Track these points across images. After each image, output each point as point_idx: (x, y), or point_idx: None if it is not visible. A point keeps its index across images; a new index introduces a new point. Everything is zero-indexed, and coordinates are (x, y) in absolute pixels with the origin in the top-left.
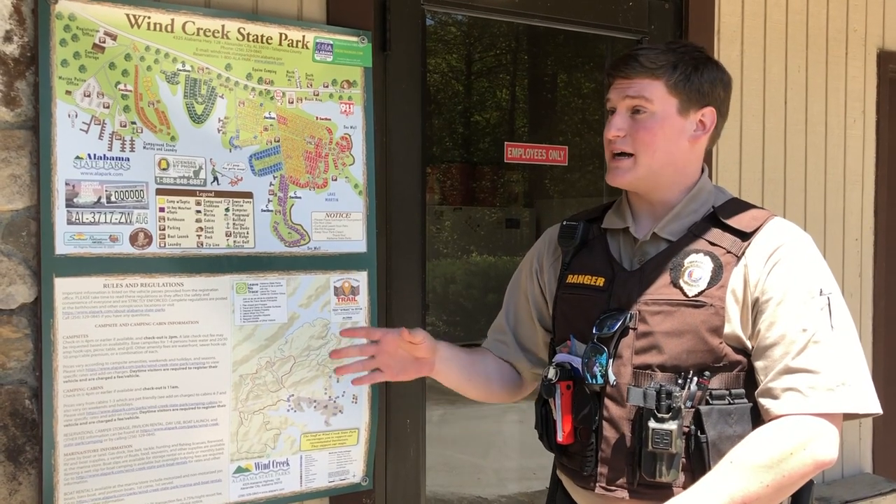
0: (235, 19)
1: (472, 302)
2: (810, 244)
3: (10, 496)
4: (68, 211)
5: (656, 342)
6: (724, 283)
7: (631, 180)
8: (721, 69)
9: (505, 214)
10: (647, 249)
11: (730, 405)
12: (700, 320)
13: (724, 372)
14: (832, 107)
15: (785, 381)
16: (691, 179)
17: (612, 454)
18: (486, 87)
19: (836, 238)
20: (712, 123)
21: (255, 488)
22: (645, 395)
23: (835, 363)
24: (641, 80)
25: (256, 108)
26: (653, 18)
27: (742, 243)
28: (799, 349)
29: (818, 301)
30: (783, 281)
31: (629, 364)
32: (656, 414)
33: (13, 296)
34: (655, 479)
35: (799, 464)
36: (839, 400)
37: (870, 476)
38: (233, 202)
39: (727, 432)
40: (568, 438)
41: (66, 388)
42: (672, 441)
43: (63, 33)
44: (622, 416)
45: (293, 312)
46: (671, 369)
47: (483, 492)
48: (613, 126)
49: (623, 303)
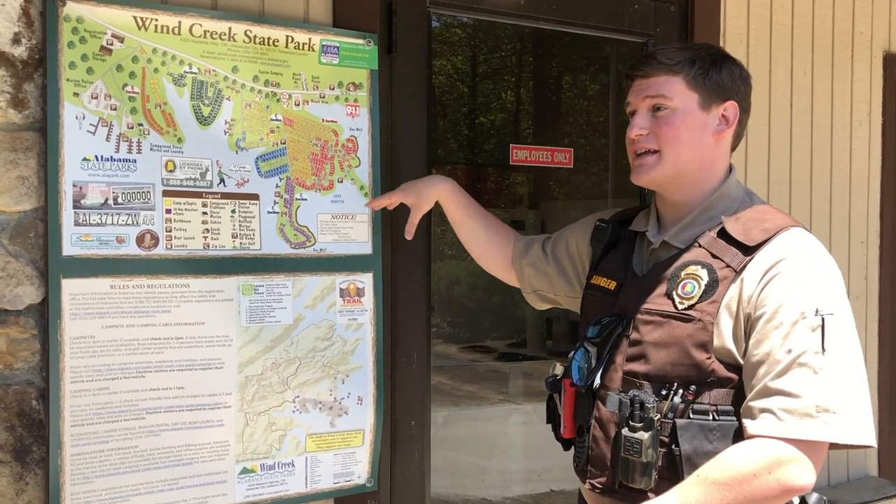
0: (242, 21)
1: (477, 303)
2: (817, 259)
3: (17, 496)
4: (75, 212)
5: (644, 351)
6: (716, 299)
7: (656, 177)
8: (739, 65)
9: (510, 216)
10: (660, 255)
11: (713, 421)
12: (686, 334)
13: (714, 388)
14: (838, 109)
15: (763, 402)
16: (716, 180)
17: (598, 454)
18: (491, 89)
19: (841, 241)
20: (735, 118)
21: (261, 489)
22: (620, 402)
23: (819, 388)
24: (660, 78)
25: (263, 110)
26: (658, 21)
27: (744, 257)
28: (780, 370)
29: (810, 321)
30: (775, 297)
31: (620, 370)
32: (630, 423)
33: (21, 297)
34: (629, 484)
35: (763, 486)
36: (817, 428)
37: (875, 479)
38: (239, 204)
39: (705, 448)
40: (569, 433)
41: (72, 388)
42: (642, 450)
43: (71, 35)
44: (609, 419)
45: (299, 314)
46: (656, 380)
47: (487, 493)
48: (636, 126)
49: (623, 309)
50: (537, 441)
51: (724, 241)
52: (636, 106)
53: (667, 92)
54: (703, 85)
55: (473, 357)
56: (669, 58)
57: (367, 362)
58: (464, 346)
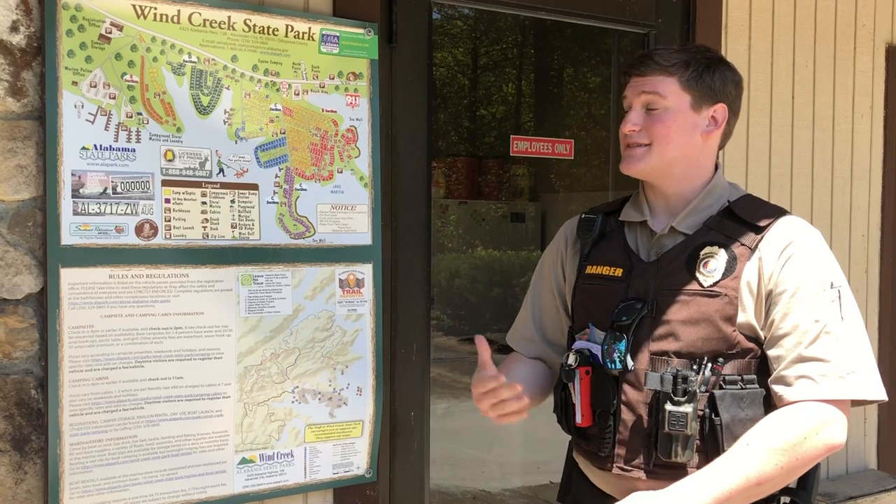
0: (242, 10)
1: (477, 296)
2: (820, 240)
3: (16, 485)
4: (74, 202)
5: (673, 330)
6: (737, 275)
7: (643, 168)
8: (732, 69)
9: (510, 209)
10: (665, 242)
11: (742, 390)
12: (714, 309)
13: (737, 359)
14: (840, 102)
15: (798, 370)
16: (706, 175)
17: (629, 436)
18: (491, 81)
19: (842, 233)
20: (724, 119)
21: (260, 479)
22: (662, 379)
23: (845, 352)
24: (656, 77)
25: (262, 99)
26: (660, 12)
27: (756, 237)
28: (811, 339)
29: (829, 293)
30: (796, 274)
31: (646, 350)
32: (673, 397)
33: (19, 286)
34: (671, 459)
35: (812, 447)
36: (849, 387)
37: (874, 472)
38: (238, 194)
39: (739, 416)
40: (586, 421)
41: (71, 378)
42: (687, 423)
43: (69, 24)
44: (639, 400)
45: (298, 304)
46: (686, 356)
47: (487, 485)
48: (630, 121)
49: (641, 292)
50: (536, 433)
51: (732, 223)
52: (632, 101)
53: (661, 91)
54: (695, 87)
55: (473, 350)
56: (666, 59)
57: (366, 353)
58: (463, 339)
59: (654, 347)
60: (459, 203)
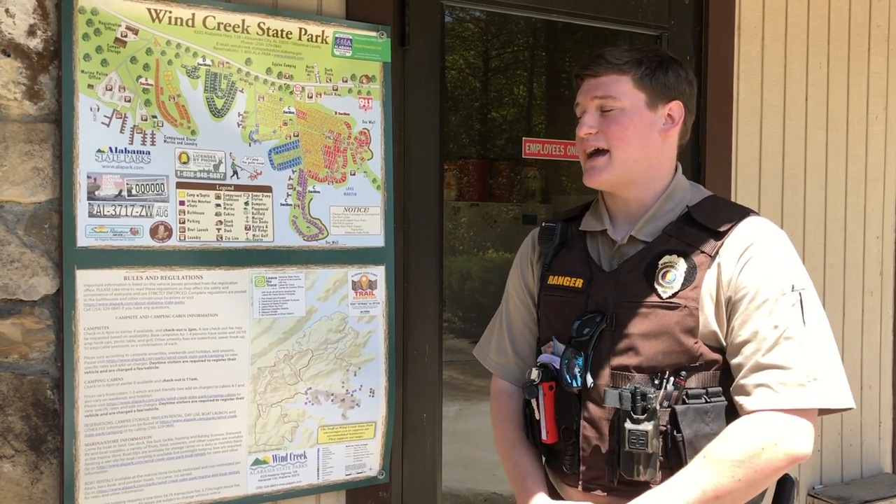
0: (255, 14)
1: (489, 298)
2: (783, 241)
3: (33, 485)
4: (90, 204)
5: (633, 344)
6: (697, 284)
7: (608, 177)
8: (684, 68)
9: (521, 210)
10: (626, 251)
11: (706, 403)
12: (674, 322)
13: (701, 371)
14: (854, 103)
15: (756, 378)
16: (666, 177)
17: (591, 453)
18: (503, 83)
19: (856, 235)
20: (680, 117)
21: (273, 480)
22: (621, 396)
23: (806, 358)
24: (609, 77)
25: (276, 102)
26: (673, 14)
27: (716, 243)
28: (770, 345)
29: (790, 297)
30: (755, 278)
31: (607, 366)
32: (632, 415)
33: (35, 287)
34: (633, 478)
35: (771, 458)
36: (810, 395)
37: (889, 476)
38: (252, 196)
39: (703, 430)
40: (552, 438)
41: (86, 378)
42: (648, 441)
43: (86, 27)
44: (601, 417)
45: (311, 306)
46: (647, 370)
47: (498, 488)
48: (585, 124)
49: (600, 304)
50: None
51: (692, 229)
52: (585, 106)
53: (615, 92)
54: (649, 85)
55: None
56: (618, 58)
57: (379, 355)
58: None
59: (616, 362)
60: (471, 205)
